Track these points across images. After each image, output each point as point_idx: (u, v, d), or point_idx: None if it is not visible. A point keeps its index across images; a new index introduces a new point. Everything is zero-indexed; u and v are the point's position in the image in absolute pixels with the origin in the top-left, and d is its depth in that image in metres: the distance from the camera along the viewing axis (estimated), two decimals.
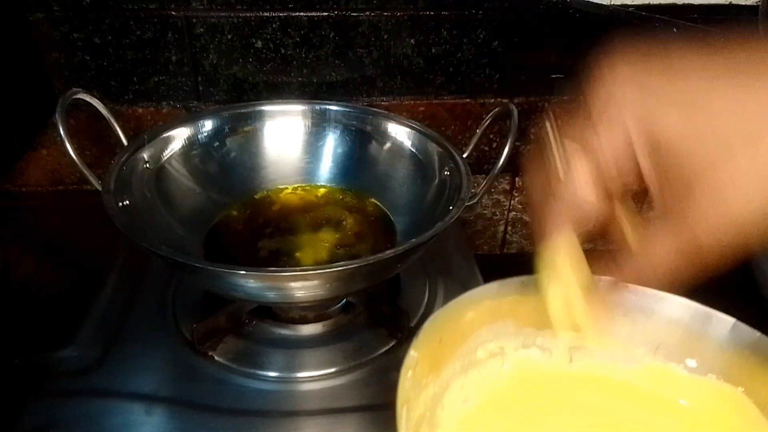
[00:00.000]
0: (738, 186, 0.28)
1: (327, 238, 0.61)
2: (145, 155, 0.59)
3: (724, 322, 0.37)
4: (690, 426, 0.39)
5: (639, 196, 0.36)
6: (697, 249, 0.29)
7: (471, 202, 0.55)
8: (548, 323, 0.38)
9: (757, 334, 0.36)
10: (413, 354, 0.35)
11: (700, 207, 0.29)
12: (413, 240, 0.49)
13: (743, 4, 0.87)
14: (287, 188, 0.67)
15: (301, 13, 0.69)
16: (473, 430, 0.38)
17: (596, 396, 0.41)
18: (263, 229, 0.62)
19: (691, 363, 0.39)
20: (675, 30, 0.85)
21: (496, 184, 0.84)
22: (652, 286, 0.35)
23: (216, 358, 0.54)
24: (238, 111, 0.67)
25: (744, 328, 0.37)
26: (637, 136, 0.30)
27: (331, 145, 0.68)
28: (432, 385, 0.38)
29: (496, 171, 0.57)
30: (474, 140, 0.63)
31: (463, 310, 0.38)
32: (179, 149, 0.63)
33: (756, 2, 0.87)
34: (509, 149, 0.56)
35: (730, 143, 0.28)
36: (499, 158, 0.56)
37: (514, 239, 0.90)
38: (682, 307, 0.38)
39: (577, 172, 0.32)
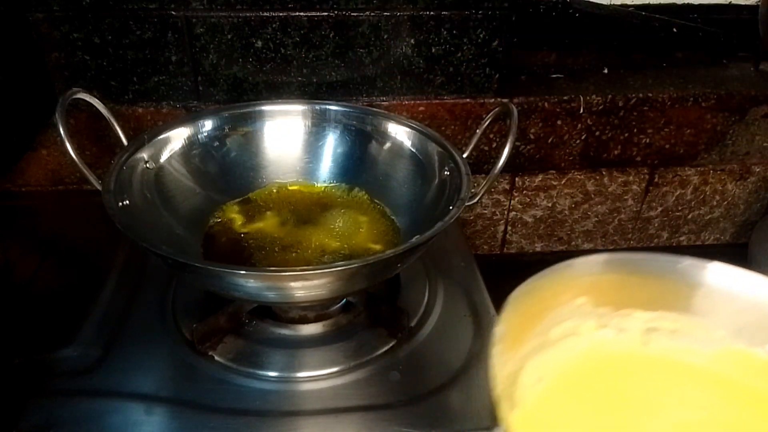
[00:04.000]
0: None
1: (327, 238, 0.61)
2: (145, 155, 0.59)
3: None
4: None
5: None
6: None
7: (471, 202, 0.55)
8: (625, 303, 0.37)
9: None
10: (501, 328, 0.35)
11: None
12: (413, 240, 0.49)
13: (743, 4, 0.88)
14: (287, 188, 0.67)
15: (301, 13, 0.69)
16: (548, 410, 0.38)
17: (671, 380, 0.40)
18: (262, 228, 0.62)
19: None
20: (675, 30, 0.85)
21: (496, 184, 0.84)
22: None
23: (216, 358, 0.54)
24: (238, 111, 0.67)
25: None
26: None
27: (331, 145, 0.68)
28: (510, 363, 0.37)
29: (496, 171, 0.57)
30: (474, 140, 0.63)
31: (545, 284, 0.38)
32: (179, 149, 0.63)
33: (756, 2, 0.87)
34: (509, 149, 0.56)
35: None
36: (499, 158, 0.56)
37: (514, 239, 0.90)
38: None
39: None
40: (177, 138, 0.63)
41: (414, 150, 0.65)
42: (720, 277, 0.38)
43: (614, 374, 0.40)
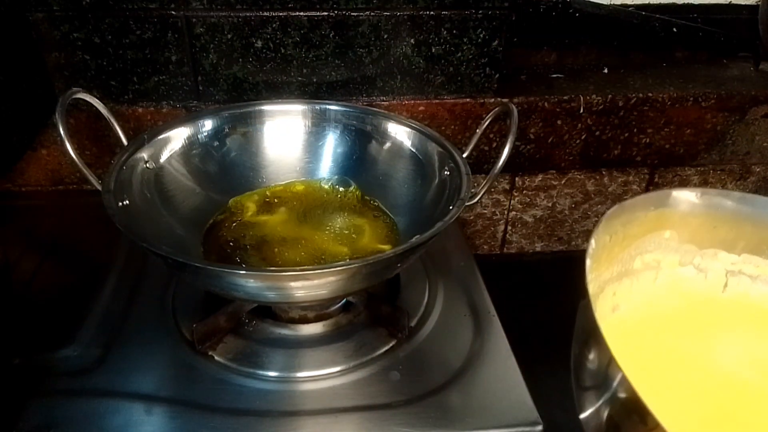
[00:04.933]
0: None
1: (327, 238, 0.61)
2: (145, 155, 0.59)
3: None
4: None
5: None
6: None
7: (471, 202, 0.54)
8: (711, 242, 0.37)
9: None
10: (593, 243, 0.35)
11: None
12: (413, 240, 0.49)
13: (743, 3, 0.88)
14: (287, 188, 0.67)
15: (301, 13, 0.68)
16: (617, 341, 0.38)
17: (745, 325, 0.40)
18: (261, 228, 0.62)
19: None
20: (675, 30, 0.85)
21: (496, 183, 0.84)
22: None
23: (216, 357, 0.54)
24: (238, 111, 0.67)
25: None
26: None
27: (331, 144, 0.68)
28: (592, 284, 0.37)
29: (496, 171, 0.57)
30: (474, 140, 0.63)
31: (638, 207, 0.38)
32: (179, 149, 0.63)
33: (756, 2, 0.87)
34: (509, 149, 0.56)
35: None
36: (499, 158, 0.56)
37: (514, 239, 0.90)
38: None
39: None
40: (177, 138, 0.63)
41: (414, 150, 0.65)
42: None
43: (689, 313, 0.40)
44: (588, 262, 0.35)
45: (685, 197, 0.40)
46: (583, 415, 0.34)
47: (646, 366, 0.38)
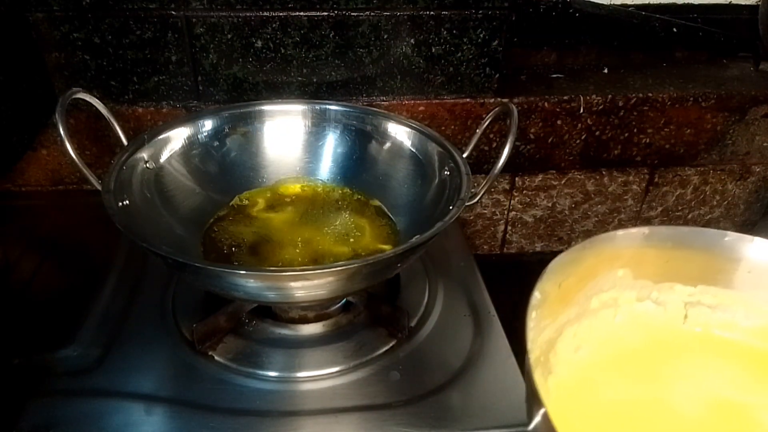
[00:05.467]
0: None
1: (326, 238, 0.61)
2: (145, 155, 0.59)
3: None
4: None
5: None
6: None
7: (471, 202, 0.54)
8: (666, 276, 0.37)
9: None
10: (537, 295, 0.35)
11: None
12: (413, 240, 0.49)
13: (743, 3, 0.88)
14: (287, 187, 0.68)
15: (301, 13, 0.68)
16: (583, 380, 0.38)
17: (709, 355, 0.40)
18: (261, 228, 0.62)
19: None
20: (675, 30, 0.85)
21: (496, 183, 0.84)
22: None
23: (216, 357, 0.54)
24: (238, 111, 0.67)
25: None
26: None
27: (331, 144, 0.68)
28: (548, 329, 0.38)
29: (496, 171, 0.57)
30: (474, 140, 0.63)
31: (585, 255, 0.38)
32: (179, 149, 0.63)
33: (756, 2, 0.87)
34: (509, 149, 0.56)
35: None
36: (499, 158, 0.56)
37: (514, 239, 0.90)
38: None
39: None
40: (177, 138, 0.63)
41: (414, 150, 0.65)
42: (763, 252, 0.38)
43: (652, 347, 0.41)
44: (533, 314, 0.35)
45: (632, 236, 0.40)
46: None
47: (605, 407, 0.38)
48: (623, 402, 0.38)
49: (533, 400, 0.30)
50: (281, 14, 0.68)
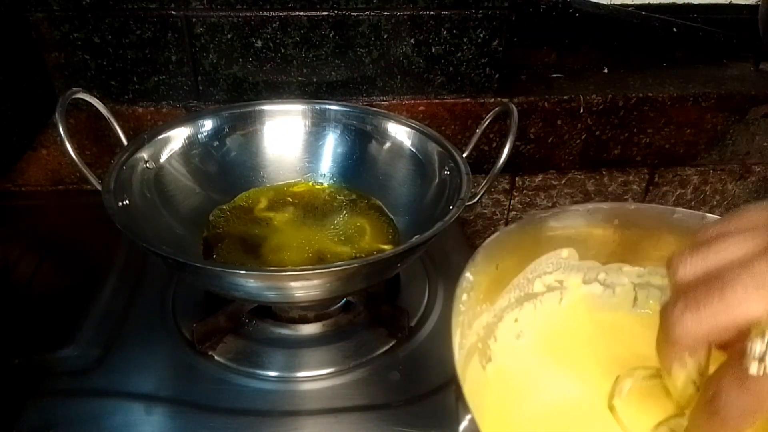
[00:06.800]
0: None
1: (326, 238, 0.61)
2: (145, 155, 0.59)
3: None
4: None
5: None
6: None
7: (471, 202, 0.54)
8: (612, 257, 0.35)
9: None
10: (468, 276, 0.33)
11: None
12: (413, 240, 0.49)
13: (743, 3, 0.88)
14: (287, 187, 0.68)
15: (301, 13, 0.68)
16: (525, 368, 0.36)
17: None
18: (260, 227, 0.62)
19: None
20: (675, 30, 0.85)
21: (496, 183, 0.84)
22: None
23: (216, 357, 0.54)
24: (238, 111, 0.67)
25: None
26: None
27: (331, 144, 0.68)
28: (486, 314, 0.36)
29: (496, 171, 0.57)
30: (474, 140, 0.63)
31: (523, 234, 0.36)
32: (179, 149, 0.63)
33: (756, 2, 0.87)
34: (509, 149, 0.56)
35: None
36: (499, 158, 0.56)
37: None
38: None
39: None
40: (177, 138, 0.63)
41: (414, 150, 0.65)
42: None
43: (600, 332, 0.38)
44: (463, 296, 0.32)
45: (574, 214, 0.37)
46: None
47: (548, 395, 0.35)
48: (568, 390, 0.35)
49: (459, 404, 0.28)
50: (281, 14, 0.68)
